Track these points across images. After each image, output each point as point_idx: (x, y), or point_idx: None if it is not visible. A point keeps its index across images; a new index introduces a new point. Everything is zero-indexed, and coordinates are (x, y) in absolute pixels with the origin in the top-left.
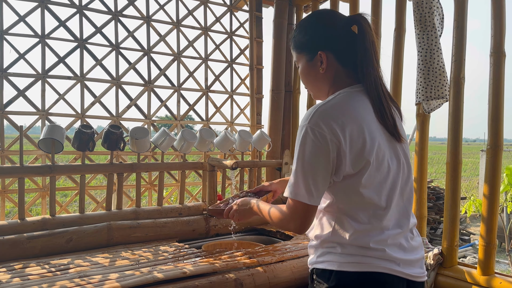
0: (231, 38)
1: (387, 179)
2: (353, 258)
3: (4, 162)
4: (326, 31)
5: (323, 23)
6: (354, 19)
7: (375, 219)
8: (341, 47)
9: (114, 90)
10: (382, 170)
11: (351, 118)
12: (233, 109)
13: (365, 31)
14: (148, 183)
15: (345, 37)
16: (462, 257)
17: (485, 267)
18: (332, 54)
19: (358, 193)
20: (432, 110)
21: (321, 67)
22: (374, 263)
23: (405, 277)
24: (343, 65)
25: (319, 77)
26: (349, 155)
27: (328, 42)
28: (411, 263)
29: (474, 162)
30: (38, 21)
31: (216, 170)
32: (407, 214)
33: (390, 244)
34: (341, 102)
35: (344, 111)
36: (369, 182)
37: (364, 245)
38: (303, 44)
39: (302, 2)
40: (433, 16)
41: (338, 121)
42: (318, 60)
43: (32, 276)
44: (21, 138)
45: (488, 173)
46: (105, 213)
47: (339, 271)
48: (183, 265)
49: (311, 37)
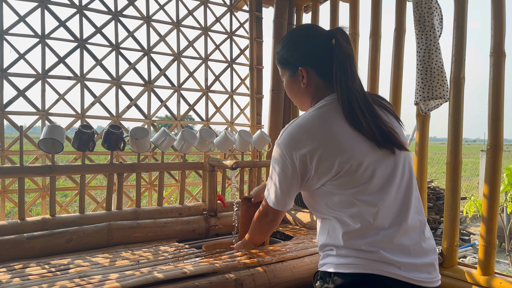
0: (231, 38)
1: (372, 179)
2: (347, 259)
3: (4, 162)
4: (306, 48)
5: (303, 39)
6: (331, 33)
7: (366, 218)
8: (321, 61)
9: (114, 90)
10: (368, 170)
11: (322, 131)
12: (233, 109)
13: (340, 44)
14: (148, 183)
15: (324, 52)
16: (462, 257)
17: (485, 267)
18: (312, 69)
19: (343, 194)
20: (430, 110)
21: (302, 81)
22: (369, 265)
23: (408, 282)
24: (324, 79)
25: (301, 91)
26: (321, 168)
27: (307, 58)
28: (416, 267)
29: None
30: (38, 21)
31: (216, 170)
32: (407, 211)
33: (387, 246)
34: (313, 118)
35: (314, 126)
36: (355, 183)
37: (357, 247)
38: (285, 60)
39: (302, 2)
40: (433, 17)
41: (306, 139)
42: (300, 75)
43: (32, 276)
44: (21, 138)
45: (488, 173)
46: (105, 213)
47: (336, 273)
48: (183, 265)
49: (292, 53)
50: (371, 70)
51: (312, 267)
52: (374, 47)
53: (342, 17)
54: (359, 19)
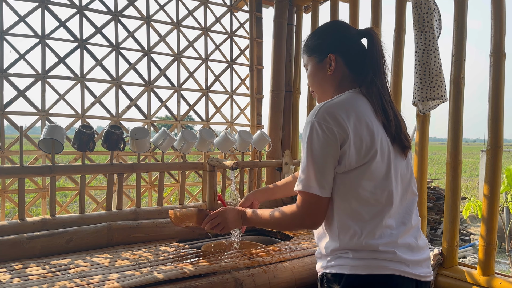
0: (231, 38)
1: (389, 174)
2: (364, 261)
3: (4, 162)
4: (338, 36)
5: (336, 29)
6: (365, 31)
7: (378, 216)
8: (351, 52)
9: (114, 91)
10: (385, 164)
11: (355, 113)
12: (233, 109)
13: (376, 42)
14: (148, 183)
15: (355, 45)
16: (462, 257)
17: (485, 267)
18: (341, 58)
19: (361, 187)
20: (427, 110)
21: (330, 68)
22: (385, 265)
23: (414, 278)
24: (350, 69)
25: (326, 79)
26: (354, 146)
27: (338, 45)
28: (418, 263)
29: (474, 163)
30: (38, 22)
31: (216, 171)
32: (410, 211)
33: (400, 245)
34: (346, 100)
35: (348, 107)
36: (374, 175)
37: (374, 249)
38: (315, 47)
39: (302, 2)
40: (432, 17)
41: (342, 115)
42: (327, 62)
43: (32, 277)
44: (21, 138)
45: (488, 173)
46: (105, 214)
47: (350, 275)
48: (183, 265)
49: (323, 40)
50: None
51: (312, 267)
52: None
53: (342, 17)
54: (359, 19)
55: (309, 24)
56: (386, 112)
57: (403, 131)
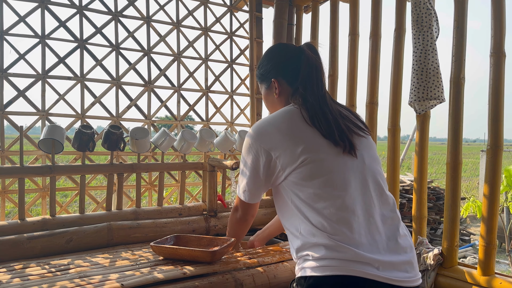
0: (231, 38)
1: (331, 174)
2: (323, 262)
3: (4, 163)
4: (276, 61)
5: (274, 54)
6: (299, 48)
7: (332, 214)
8: (290, 72)
9: (114, 91)
10: (322, 166)
11: (283, 125)
12: (233, 109)
13: (307, 56)
14: (148, 184)
15: (293, 64)
16: (462, 257)
17: (485, 267)
18: (283, 80)
19: (305, 189)
20: (424, 110)
21: (275, 92)
22: (346, 266)
23: (386, 282)
24: (293, 88)
25: (276, 101)
26: (284, 155)
27: (278, 70)
28: (394, 266)
29: (474, 163)
30: (38, 22)
31: (216, 171)
32: (374, 205)
33: (358, 242)
34: (274, 116)
35: (273, 122)
36: (311, 177)
37: (329, 246)
38: (261, 75)
39: (302, 2)
40: (431, 17)
41: (268, 130)
42: (273, 86)
43: (32, 277)
44: (21, 138)
45: (488, 173)
46: (105, 214)
47: (312, 276)
48: (183, 265)
49: (265, 68)
50: (371, 70)
51: None
52: (374, 47)
53: (342, 17)
54: (359, 19)
55: (309, 24)
56: (322, 119)
57: (351, 130)
